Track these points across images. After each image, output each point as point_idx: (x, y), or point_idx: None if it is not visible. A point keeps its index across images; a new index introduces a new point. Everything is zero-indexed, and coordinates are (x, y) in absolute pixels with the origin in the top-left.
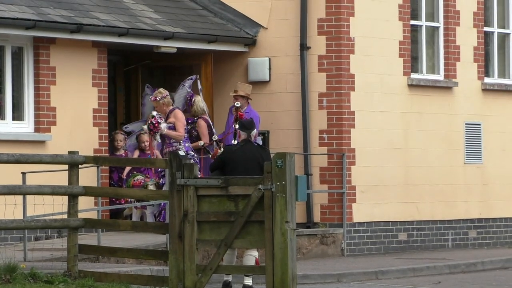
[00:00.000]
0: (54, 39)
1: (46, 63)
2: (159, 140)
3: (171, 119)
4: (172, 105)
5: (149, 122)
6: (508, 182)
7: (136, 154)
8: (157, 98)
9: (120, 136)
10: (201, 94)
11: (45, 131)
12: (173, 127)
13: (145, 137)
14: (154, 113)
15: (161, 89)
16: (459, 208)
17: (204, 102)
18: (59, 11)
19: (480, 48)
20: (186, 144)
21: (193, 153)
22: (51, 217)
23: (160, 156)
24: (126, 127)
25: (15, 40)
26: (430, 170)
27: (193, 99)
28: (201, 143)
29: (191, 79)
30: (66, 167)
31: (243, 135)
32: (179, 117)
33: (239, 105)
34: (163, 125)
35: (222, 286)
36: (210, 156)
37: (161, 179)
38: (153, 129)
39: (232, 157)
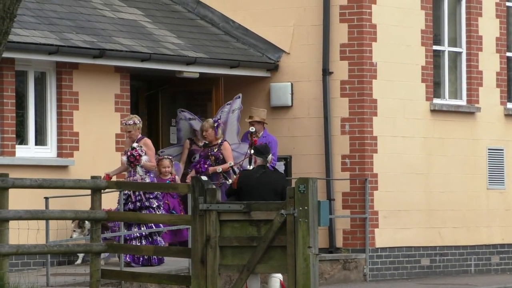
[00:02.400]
0: (76, 64)
1: (69, 88)
2: (140, 173)
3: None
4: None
5: (129, 154)
6: None
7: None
8: (136, 122)
9: (166, 162)
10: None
11: (68, 156)
12: None
13: (167, 162)
14: (135, 145)
15: (135, 115)
16: (481, 233)
17: None
18: (82, 36)
19: (503, 73)
20: (151, 175)
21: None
22: (73, 242)
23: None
24: (162, 151)
25: (38, 65)
26: (452, 195)
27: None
28: (230, 163)
29: (239, 97)
30: (88, 192)
31: (259, 161)
32: (150, 146)
33: (253, 130)
34: (144, 158)
35: None
36: (228, 182)
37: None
38: (134, 161)
39: (248, 183)
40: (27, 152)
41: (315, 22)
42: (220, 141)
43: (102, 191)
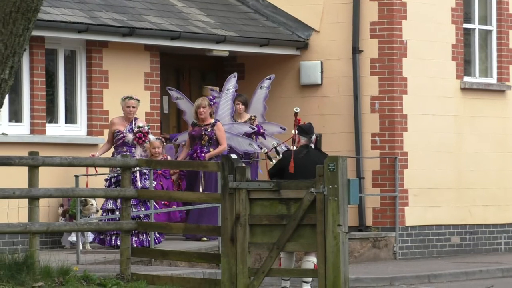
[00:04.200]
0: (106, 43)
1: (99, 66)
2: (146, 151)
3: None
4: None
5: (137, 130)
6: None
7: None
8: (139, 99)
9: (156, 143)
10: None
11: (98, 134)
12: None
13: (157, 143)
14: (141, 123)
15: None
16: (511, 211)
17: None
18: (112, 15)
19: None
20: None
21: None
22: (104, 220)
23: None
24: (175, 140)
25: (67, 44)
26: (482, 173)
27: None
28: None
29: (270, 78)
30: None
31: (303, 140)
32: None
33: (298, 110)
34: (151, 136)
35: None
36: (272, 163)
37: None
38: (142, 137)
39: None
40: (57, 130)
41: (345, 0)
42: (213, 121)
43: (132, 169)
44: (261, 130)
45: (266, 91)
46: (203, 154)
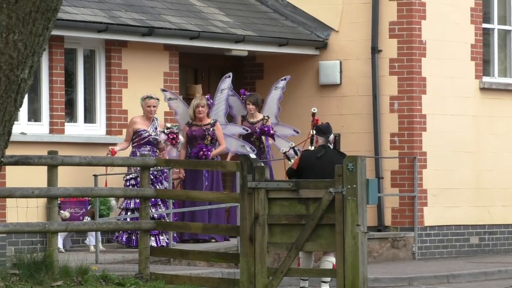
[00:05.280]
0: (125, 42)
1: (118, 66)
2: (179, 150)
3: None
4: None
5: (168, 131)
6: None
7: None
8: (158, 98)
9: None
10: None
11: (117, 133)
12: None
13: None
14: (169, 124)
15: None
16: None
17: None
18: (131, 14)
19: None
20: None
21: None
22: (122, 220)
23: None
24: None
25: (87, 43)
26: (502, 173)
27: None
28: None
29: (285, 79)
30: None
31: (320, 140)
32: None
33: (315, 110)
34: (181, 137)
35: None
36: (290, 163)
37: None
38: (176, 138)
39: (310, 163)
40: (76, 129)
41: (364, 0)
42: (213, 120)
43: (151, 168)
44: (271, 131)
45: (281, 92)
46: (209, 153)
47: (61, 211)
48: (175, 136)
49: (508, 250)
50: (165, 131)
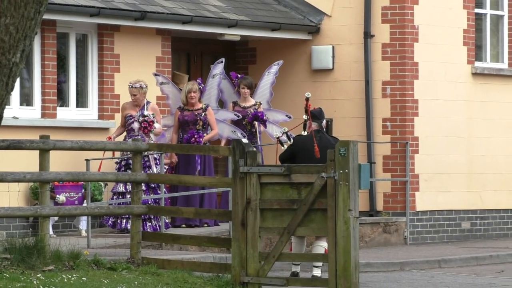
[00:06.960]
0: (118, 27)
1: (110, 50)
2: (153, 139)
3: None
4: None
5: (141, 121)
6: None
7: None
8: (142, 86)
9: (195, 87)
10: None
11: (109, 118)
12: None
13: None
14: (146, 112)
15: (142, 80)
16: None
17: None
18: None
19: None
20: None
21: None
22: (114, 204)
23: None
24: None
25: (79, 27)
26: (494, 158)
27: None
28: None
29: (278, 64)
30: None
31: (314, 125)
32: (158, 111)
33: (309, 95)
34: (156, 125)
35: (290, 276)
36: (283, 148)
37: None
38: (148, 126)
39: (304, 148)
40: (68, 114)
41: None
42: (205, 105)
43: (143, 153)
44: (264, 117)
45: (274, 77)
46: (201, 139)
47: (57, 196)
48: (147, 125)
49: (499, 235)
50: (140, 119)
